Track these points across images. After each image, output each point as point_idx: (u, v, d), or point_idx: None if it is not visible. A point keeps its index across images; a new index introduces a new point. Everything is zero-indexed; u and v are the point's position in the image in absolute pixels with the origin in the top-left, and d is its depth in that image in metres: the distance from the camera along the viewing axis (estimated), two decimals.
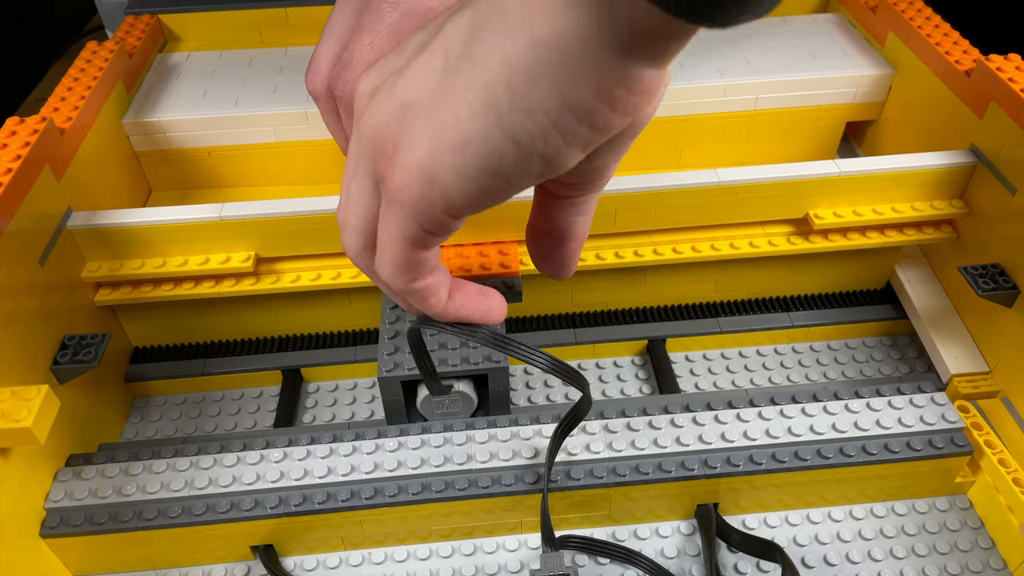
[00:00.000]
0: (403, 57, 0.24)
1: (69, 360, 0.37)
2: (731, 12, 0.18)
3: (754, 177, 0.40)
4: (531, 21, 0.19)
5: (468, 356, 0.36)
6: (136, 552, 0.35)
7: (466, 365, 0.36)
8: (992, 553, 0.36)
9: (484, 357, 0.36)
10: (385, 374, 0.36)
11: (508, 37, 0.20)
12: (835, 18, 0.55)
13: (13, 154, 0.36)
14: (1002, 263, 0.39)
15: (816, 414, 0.37)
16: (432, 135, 0.22)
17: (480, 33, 0.21)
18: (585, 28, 0.19)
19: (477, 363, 0.36)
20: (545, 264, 0.30)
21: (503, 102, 0.20)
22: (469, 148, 0.21)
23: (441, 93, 0.21)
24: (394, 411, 0.38)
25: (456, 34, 0.21)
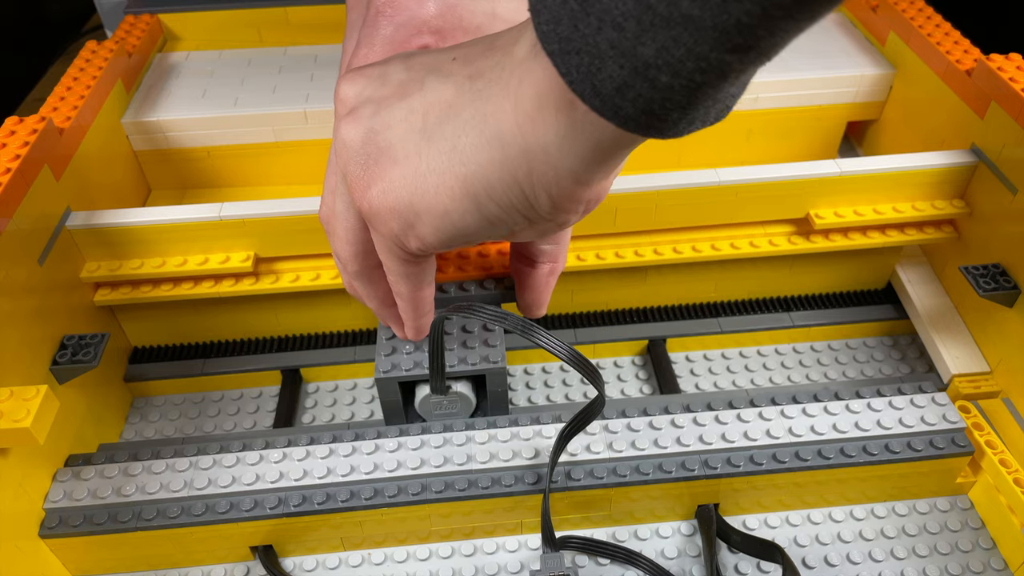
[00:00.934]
0: (385, 87, 0.26)
1: (68, 360, 0.36)
2: (680, 128, 0.20)
3: (754, 177, 0.40)
4: (503, 130, 0.23)
5: (466, 357, 0.36)
6: (135, 552, 0.35)
7: (464, 366, 0.36)
8: (993, 554, 0.36)
9: (482, 358, 0.36)
10: (382, 375, 0.36)
11: (484, 137, 0.23)
12: (835, 17, 0.55)
13: (12, 154, 0.36)
14: (1003, 263, 0.39)
15: (817, 414, 0.37)
16: (412, 195, 0.25)
17: (459, 117, 0.24)
18: (551, 143, 0.22)
19: (475, 364, 0.36)
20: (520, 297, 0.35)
21: (481, 196, 0.24)
22: (447, 218, 0.25)
23: (418, 159, 0.25)
24: (392, 412, 0.38)
25: (437, 102, 0.25)
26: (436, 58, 0.26)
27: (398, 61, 0.27)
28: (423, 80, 0.26)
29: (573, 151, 0.22)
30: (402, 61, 0.27)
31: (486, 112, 0.23)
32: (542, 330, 0.30)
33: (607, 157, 0.23)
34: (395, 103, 0.26)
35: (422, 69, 0.26)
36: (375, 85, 0.27)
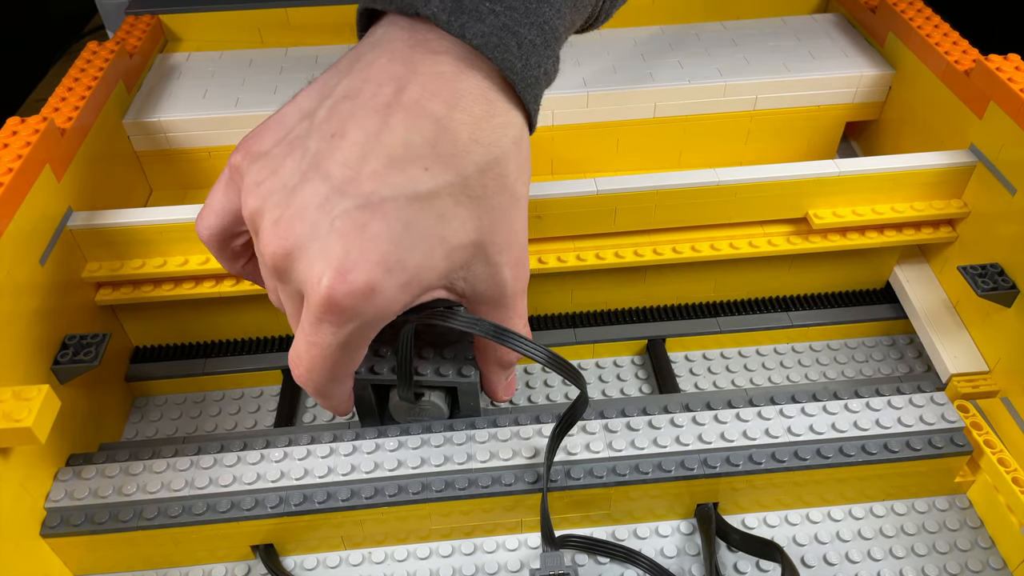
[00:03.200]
0: (278, 180, 0.28)
1: (69, 360, 0.37)
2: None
3: (754, 177, 0.40)
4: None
5: (439, 367, 0.35)
6: (137, 551, 0.35)
7: (436, 377, 0.35)
8: (991, 553, 0.36)
9: (455, 371, 0.35)
10: (356, 376, 0.35)
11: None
12: (835, 18, 0.55)
13: (14, 154, 0.36)
14: (1001, 263, 0.39)
15: (816, 414, 0.37)
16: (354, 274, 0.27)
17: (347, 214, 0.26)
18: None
19: (447, 376, 0.35)
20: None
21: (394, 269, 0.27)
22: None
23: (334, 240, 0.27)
24: (365, 412, 0.37)
25: (317, 194, 0.27)
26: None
27: (276, 147, 0.29)
28: (306, 176, 0.28)
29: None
30: (277, 146, 0.29)
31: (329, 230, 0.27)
32: (517, 335, 0.31)
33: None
34: (290, 201, 0.28)
35: (295, 157, 0.28)
36: (269, 182, 0.28)
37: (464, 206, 0.28)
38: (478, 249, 0.29)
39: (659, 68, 0.50)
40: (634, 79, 0.49)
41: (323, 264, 0.26)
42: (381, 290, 0.27)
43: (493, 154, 0.28)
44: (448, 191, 0.27)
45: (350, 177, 0.26)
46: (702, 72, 0.50)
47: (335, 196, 0.26)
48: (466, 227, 0.28)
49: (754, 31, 0.54)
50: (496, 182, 0.28)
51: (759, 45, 0.52)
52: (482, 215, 0.28)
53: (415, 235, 0.27)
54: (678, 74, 0.49)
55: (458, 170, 0.27)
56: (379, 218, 0.26)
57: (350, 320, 0.27)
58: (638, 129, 0.50)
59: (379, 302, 0.27)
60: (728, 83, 0.49)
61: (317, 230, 0.26)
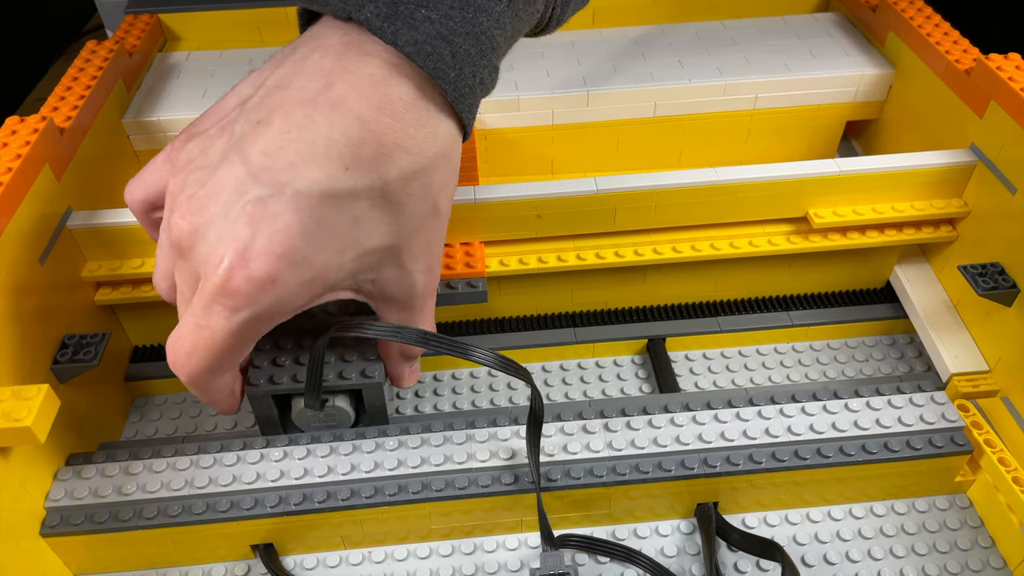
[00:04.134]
0: (205, 159, 0.28)
1: (69, 359, 0.37)
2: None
3: (754, 176, 0.40)
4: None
5: (342, 371, 0.35)
6: (136, 551, 0.35)
7: (340, 380, 0.35)
8: (992, 552, 0.36)
9: (358, 373, 0.35)
10: (252, 387, 0.35)
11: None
12: (835, 17, 0.55)
13: (13, 153, 0.36)
14: (1002, 262, 0.39)
15: (816, 413, 0.37)
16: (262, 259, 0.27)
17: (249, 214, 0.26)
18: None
19: (351, 378, 0.35)
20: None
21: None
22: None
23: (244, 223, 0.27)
24: (268, 425, 0.37)
25: (230, 179, 0.27)
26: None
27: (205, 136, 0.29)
28: (217, 168, 0.28)
29: None
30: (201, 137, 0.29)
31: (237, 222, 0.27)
32: (446, 338, 0.31)
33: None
34: (203, 187, 0.28)
35: (213, 152, 0.29)
36: (196, 175, 0.28)
37: (382, 210, 0.28)
38: (390, 254, 0.29)
39: (659, 68, 0.50)
40: (634, 79, 0.49)
41: (227, 246, 0.26)
42: (282, 283, 0.27)
43: (419, 163, 0.28)
44: (367, 195, 0.27)
45: (267, 165, 0.26)
46: (702, 72, 0.50)
47: (250, 181, 0.26)
48: (381, 231, 0.28)
49: (754, 30, 0.54)
50: (419, 192, 0.28)
51: (759, 44, 0.52)
52: (400, 222, 0.28)
53: (327, 234, 0.27)
54: (678, 74, 0.49)
55: (380, 175, 0.27)
56: (291, 211, 0.26)
57: (244, 307, 0.27)
58: (638, 129, 0.50)
59: (278, 295, 0.27)
60: (728, 82, 0.49)
61: (227, 212, 0.26)
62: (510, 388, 0.44)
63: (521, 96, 0.48)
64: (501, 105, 0.48)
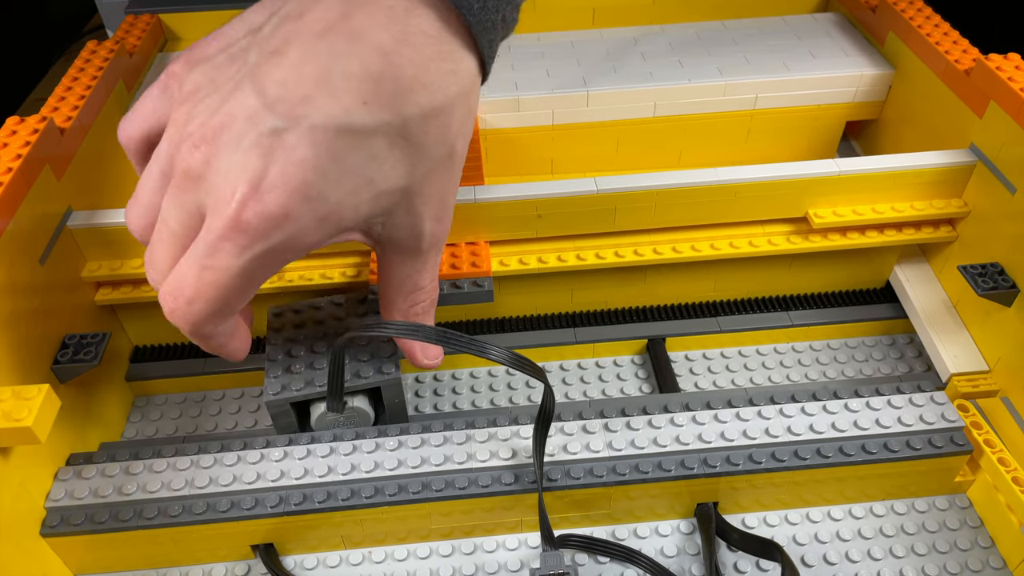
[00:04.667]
0: (213, 87, 0.27)
1: (70, 359, 0.37)
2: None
3: (754, 176, 0.40)
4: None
5: (359, 371, 0.35)
6: (137, 551, 0.35)
7: (358, 380, 0.35)
8: (991, 552, 0.36)
9: (376, 371, 0.35)
10: (273, 397, 0.35)
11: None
12: (835, 17, 0.55)
13: (13, 153, 0.36)
14: (1001, 262, 0.39)
15: (816, 413, 0.37)
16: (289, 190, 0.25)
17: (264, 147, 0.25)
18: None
19: (368, 377, 0.35)
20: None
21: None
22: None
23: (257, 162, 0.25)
24: (287, 432, 0.37)
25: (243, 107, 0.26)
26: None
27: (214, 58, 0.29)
28: (231, 94, 0.27)
29: None
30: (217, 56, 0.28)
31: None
32: (464, 336, 0.30)
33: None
34: (214, 115, 0.27)
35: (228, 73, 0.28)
36: (205, 102, 0.27)
37: (400, 149, 0.27)
38: (404, 196, 0.28)
39: (659, 68, 0.50)
40: (634, 79, 0.49)
41: (239, 178, 0.25)
42: (295, 219, 0.25)
43: (439, 101, 0.27)
44: (384, 131, 0.26)
45: (282, 96, 0.25)
46: (702, 72, 0.50)
47: (265, 112, 0.25)
48: (397, 172, 0.27)
49: (754, 30, 0.54)
50: (437, 131, 0.27)
51: (759, 44, 0.52)
52: (416, 163, 0.27)
53: (342, 170, 0.26)
54: (678, 74, 0.49)
55: (399, 111, 0.26)
56: (307, 144, 0.25)
57: (256, 244, 0.25)
58: (638, 129, 0.50)
59: (291, 231, 0.26)
60: (728, 82, 0.49)
61: (241, 143, 0.25)
62: (510, 388, 0.44)
63: (521, 96, 0.48)
64: (501, 105, 0.48)
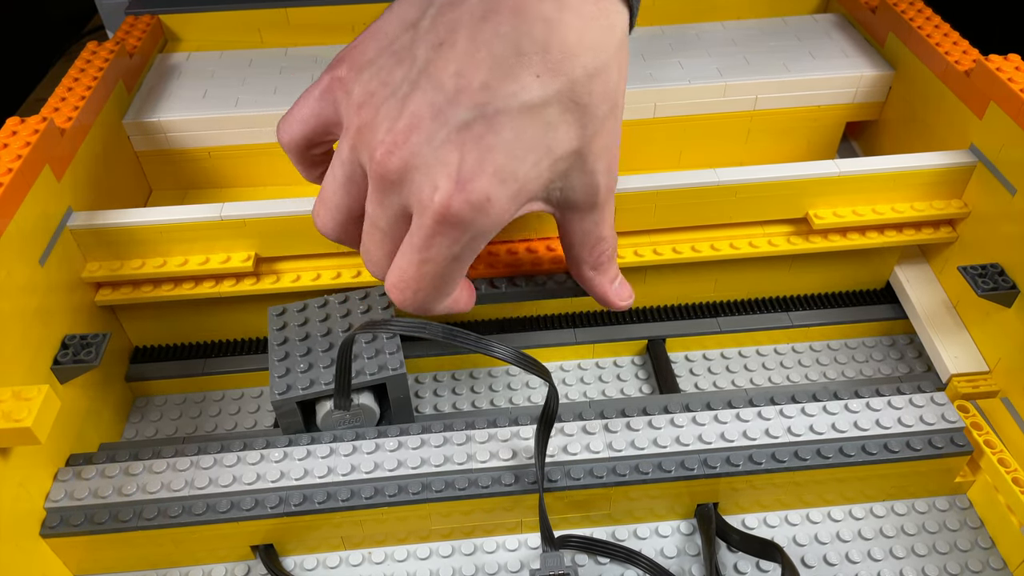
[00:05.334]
0: (388, 90, 0.27)
1: (70, 360, 0.37)
2: None
3: (754, 177, 0.40)
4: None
5: (364, 367, 0.35)
6: (136, 552, 0.35)
7: (363, 377, 0.35)
8: (992, 553, 0.36)
9: (380, 366, 0.35)
10: (279, 397, 0.35)
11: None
12: (835, 18, 0.55)
13: (13, 154, 0.36)
14: (1002, 263, 0.39)
15: (816, 414, 0.37)
16: (489, 177, 0.27)
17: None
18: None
19: (374, 373, 0.35)
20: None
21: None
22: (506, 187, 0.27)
23: (454, 151, 0.26)
24: (293, 431, 0.37)
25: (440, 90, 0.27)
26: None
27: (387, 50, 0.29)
28: (417, 79, 0.28)
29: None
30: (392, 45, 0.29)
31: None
32: (469, 334, 0.31)
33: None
34: (408, 100, 0.27)
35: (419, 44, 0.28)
36: (381, 93, 0.28)
37: (571, 112, 0.27)
38: (578, 157, 0.29)
39: (659, 68, 0.50)
40: (634, 79, 0.49)
41: (440, 175, 0.26)
42: (496, 200, 0.27)
43: (601, 59, 0.27)
44: (557, 99, 0.27)
45: (463, 87, 0.26)
46: (702, 72, 0.50)
47: (449, 106, 0.26)
48: (570, 135, 0.28)
49: (754, 31, 0.54)
50: (601, 88, 0.28)
51: (759, 45, 0.52)
52: (586, 123, 0.28)
53: (525, 145, 0.27)
54: (678, 74, 0.49)
55: (568, 76, 0.27)
56: (494, 129, 0.26)
57: (464, 232, 0.27)
58: (638, 129, 0.50)
59: (493, 212, 0.27)
60: (728, 83, 0.49)
61: (432, 141, 0.26)
62: (510, 389, 0.44)
63: None
64: None
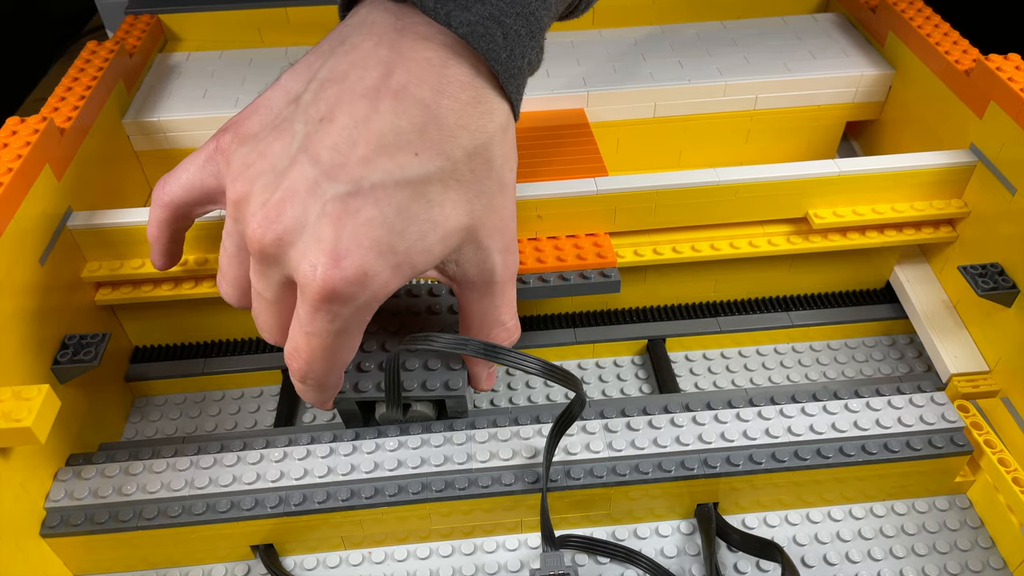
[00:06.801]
0: (267, 163, 0.28)
1: (69, 360, 0.37)
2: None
3: (754, 177, 0.40)
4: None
5: (425, 381, 0.35)
6: (136, 552, 0.35)
7: (424, 392, 0.35)
8: (992, 552, 0.36)
9: (442, 383, 0.35)
10: (340, 395, 0.35)
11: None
12: (835, 18, 0.55)
13: (13, 154, 0.36)
14: (1002, 263, 0.39)
15: (816, 414, 0.37)
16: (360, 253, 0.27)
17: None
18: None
19: (434, 389, 0.35)
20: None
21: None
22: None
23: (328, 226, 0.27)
24: (351, 421, 0.37)
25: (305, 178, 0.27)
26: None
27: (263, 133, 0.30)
28: (291, 163, 0.28)
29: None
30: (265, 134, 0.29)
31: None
32: (506, 350, 0.31)
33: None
34: (281, 182, 0.28)
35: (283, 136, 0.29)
36: (258, 165, 0.28)
37: (454, 190, 0.28)
38: (470, 233, 0.29)
39: (659, 68, 0.50)
40: (634, 79, 0.49)
41: (316, 251, 0.26)
42: (374, 274, 0.27)
43: (480, 139, 0.28)
44: (438, 176, 0.28)
45: (340, 162, 0.26)
46: (702, 72, 0.50)
47: (325, 181, 0.26)
48: (458, 211, 0.29)
49: (754, 31, 0.54)
50: (483, 167, 0.29)
51: (759, 45, 0.52)
52: (472, 199, 0.29)
53: (406, 219, 0.27)
54: (678, 74, 0.49)
55: (447, 155, 0.27)
56: (370, 204, 0.26)
57: (345, 305, 0.27)
58: (638, 129, 0.50)
59: (373, 286, 0.27)
60: (728, 83, 0.49)
61: (307, 215, 0.27)
62: (510, 389, 0.44)
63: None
64: None
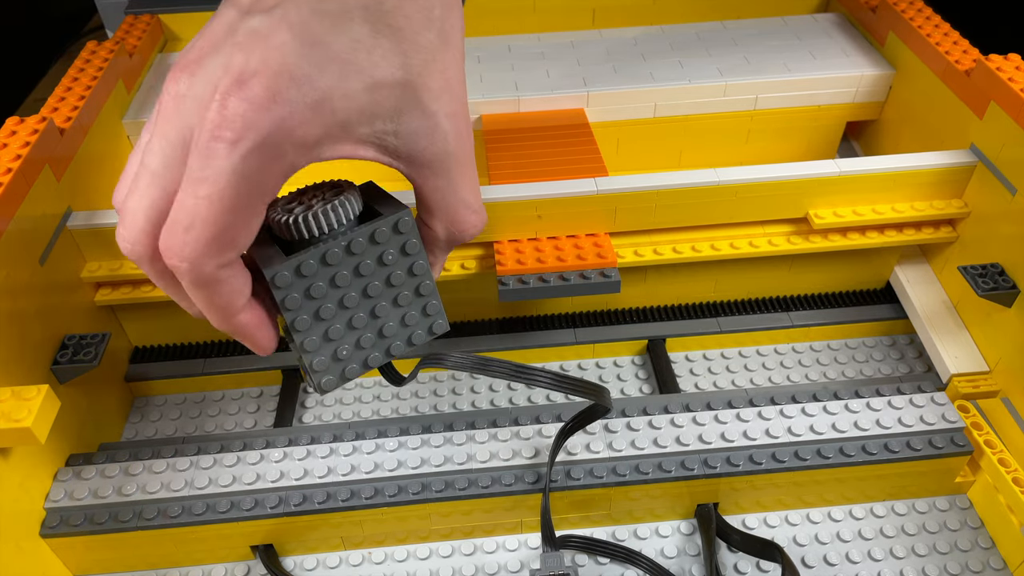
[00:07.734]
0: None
1: (69, 360, 0.37)
2: None
3: (754, 177, 0.40)
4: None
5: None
6: (136, 552, 0.35)
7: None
8: (992, 553, 0.36)
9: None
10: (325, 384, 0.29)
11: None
12: (835, 18, 0.55)
13: (13, 154, 0.36)
14: (1002, 263, 0.39)
15: (816, 414, 0.37)
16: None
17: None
18: None
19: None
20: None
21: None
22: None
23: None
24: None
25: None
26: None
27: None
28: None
29: None
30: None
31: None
32: (535, 369, 0.30)
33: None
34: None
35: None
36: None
37: (385, 37, 0.26)
38: (407, 91, 0.26)
39: (659, 68, 0.50)
40: (634, 79, 0.49)
41: (220, 76, 0.24)
42: (284, 100, 0.24)
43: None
44: (362, 15, 0.25)
45: (257, 1, 0.25)
46: (702, 72, 0.49)
47: (239, 18, 0.25)
48: (389, 62, 0.26)
49: (754, 31, 0.54)
50: (419, 15, 0.26)
51: (759, 45, 0.52)
52: (408, 51, 0.26)
53: (325, 54, 0.25)
54: (678, 74, 0.49)
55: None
56: (283, 28, 0.24)
57: (246, 134, 0.23)
58: (638, 129, 0.50)
59: (282, 114, 0.24)
60: (728, 83, 0.49)
61: (220, 50, 0.25)
62: (510, 389, 0.44)
63: (521, 96, 0.48)
64: (501, 105, 0.48)
